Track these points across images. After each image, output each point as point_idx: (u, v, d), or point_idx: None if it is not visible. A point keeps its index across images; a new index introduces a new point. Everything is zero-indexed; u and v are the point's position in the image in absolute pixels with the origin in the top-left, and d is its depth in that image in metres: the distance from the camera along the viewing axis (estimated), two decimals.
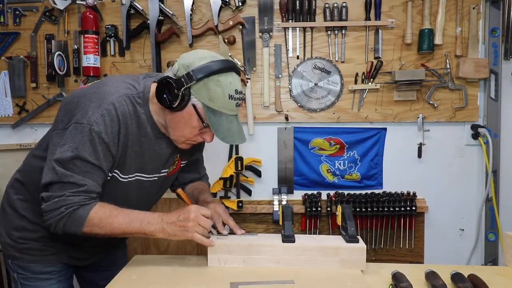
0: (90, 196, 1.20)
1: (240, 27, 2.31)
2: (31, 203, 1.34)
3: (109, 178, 1.27)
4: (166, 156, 1.37)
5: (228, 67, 1.22)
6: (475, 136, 2.34)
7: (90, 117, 1.16)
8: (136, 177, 1.33)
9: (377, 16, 2.28)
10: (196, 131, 1.26)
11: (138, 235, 1.25)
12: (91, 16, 2.21)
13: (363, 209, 2.31)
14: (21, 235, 1.37)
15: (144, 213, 1.25)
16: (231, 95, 1.21)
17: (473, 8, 2.27)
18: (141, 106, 1.26)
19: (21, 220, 1.37)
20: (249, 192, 2.41)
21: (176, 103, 1.18)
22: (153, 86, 1.26)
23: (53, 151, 1.19)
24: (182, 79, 1.18)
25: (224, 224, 1.42)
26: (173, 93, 1.18)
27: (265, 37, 2.31)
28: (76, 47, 2.31)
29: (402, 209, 2.31)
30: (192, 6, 2.26)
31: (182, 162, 1.50)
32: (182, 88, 1.18)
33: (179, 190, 1.45)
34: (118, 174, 1.28)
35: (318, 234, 2.36)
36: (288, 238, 1.33)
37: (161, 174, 1.41)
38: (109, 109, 1.18)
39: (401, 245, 2.37)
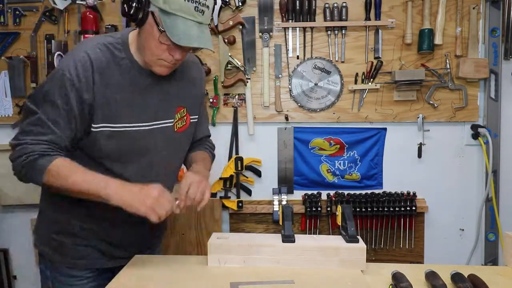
0: (53, 147, 1.19)
1: (240, 27, 2.32)
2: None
3: (96, 130, 1.23)
4: (163, 105, 1.34)
5: None
6: (475, 136, 2.34)
7: (63, 64, 1.20)
8: (134, 127, 1.29)
9: (377, 16, 2.28)
10: (160, 45, 1.19)
11: (92, 197, 1.18)
12: (91, 16, 2.21)
13: (363, 209, 2.31)
14: (55, 229, 1.37)
15: (104, 177, 1.19)
16: None
17: (473, 8, 2.27)
18: (121, 51, 1.25)
19: (54, 212, 1.38)
20: (249, 192, 2.41)
21: (134, 11, 1.16)
22: (132, 32, 1.28)
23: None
24: None
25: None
26: (131, 2, 1.16)
27: (265, 37, 2.31)
28: None
29: (402, 209, 2.31)
30: None
31: (191, 117, 1.45)
32: None
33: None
34: (109, 126, 1.25)
35: (318, 234, 2.36)
36: (288, 238, 1.33)
37: (164, 125, 1.35)
38: (82, 55, 1.20)
39: (401, 245, 2.37)
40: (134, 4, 1.16)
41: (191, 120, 1.46)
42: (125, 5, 1.17)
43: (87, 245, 1.38)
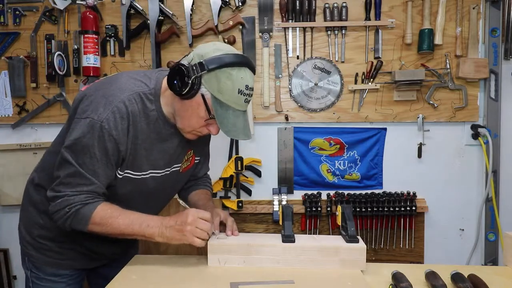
0: (92, 195, 1.23)
1: (240, 27, 2.31)
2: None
3: (120, 177, 1.29)
4: (177, 151, 1.38)
5: (241, 62, 1.21)
6: (475, 136, 2.34)
7: (101, 114, 1.19)
8: (150, 174, 1.34)
9: (377, 16, 2.28)
10: (202, 122, 1.26)
11: (137, 237, 1.27)
12: (91, 16, 2.21)
13: (363, 209, 2.31)
14: (40, 233, 1.41)
15: (144, 216, 1.27)
16: (241, 90, 1.20)
17: (473, 8, 2.27)
18: (152, 102, 1.27)
19: (40, 218, 1.40)
20: (249, 192, 2.41)
21: (185, 90, 1.18)
22: (165, 80, 1.27)
23: (66, 140, 1.23)
24: (194, 68, 1.18)
25: (221, 226, 1.44)
26: (183, 80, 1.18)
27: (265, 37, 2.31)
28: (76, 47, 2.31)
29: (402, 209, 2.31)
30: (192, 6, 2.26)
31: (196, 158, 1.52)
32: (193, 77, 1.18)
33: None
34: (131, 173, 1.30)
35: (318, 234, 2.36)
36: (288, 238, 1.33)
37: (173, 169, 1.41)
38: (120, 106, 1.20)
39: (401, 245, 2.37)
40: (186, 80, 1.17)
41: (195, 161, 1.53)
42: (175, 79, 1.19)
43: (69, 248, 1.42)
